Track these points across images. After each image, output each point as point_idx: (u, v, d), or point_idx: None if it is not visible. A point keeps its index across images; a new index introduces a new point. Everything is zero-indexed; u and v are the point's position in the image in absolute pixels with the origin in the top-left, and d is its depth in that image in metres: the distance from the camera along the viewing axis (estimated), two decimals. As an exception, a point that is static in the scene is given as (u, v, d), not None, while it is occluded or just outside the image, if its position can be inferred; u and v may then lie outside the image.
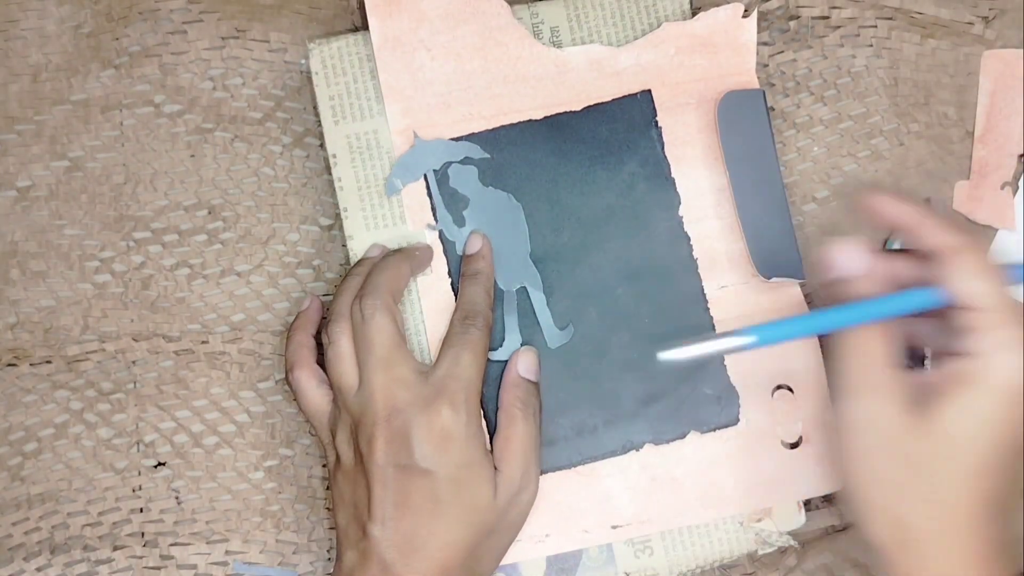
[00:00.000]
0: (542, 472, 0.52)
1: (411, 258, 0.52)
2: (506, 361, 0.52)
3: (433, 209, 0.54)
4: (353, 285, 0.51)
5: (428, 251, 0.53)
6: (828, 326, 0.44)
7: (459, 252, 0.54)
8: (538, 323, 0.53)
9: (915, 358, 0.50)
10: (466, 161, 0.54)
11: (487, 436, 0.50)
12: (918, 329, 0.47)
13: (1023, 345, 0.41)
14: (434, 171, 0.54)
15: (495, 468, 0.49)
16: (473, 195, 0.54)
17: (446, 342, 0.50)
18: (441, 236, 0.54)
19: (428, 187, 0.54)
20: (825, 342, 0.48)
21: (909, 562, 0.42)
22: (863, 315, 0.43)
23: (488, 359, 0.51)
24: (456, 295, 0.53)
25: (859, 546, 0.47)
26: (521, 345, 0.53)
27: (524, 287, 0.54)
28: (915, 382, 0.43)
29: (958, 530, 0.41)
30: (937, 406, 0.42)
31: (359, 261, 0.53)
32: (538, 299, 0.54)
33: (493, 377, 0.52)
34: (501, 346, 0.53)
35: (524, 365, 0.52)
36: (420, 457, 0.47)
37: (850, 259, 0.45)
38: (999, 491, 0.42)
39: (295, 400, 0.52)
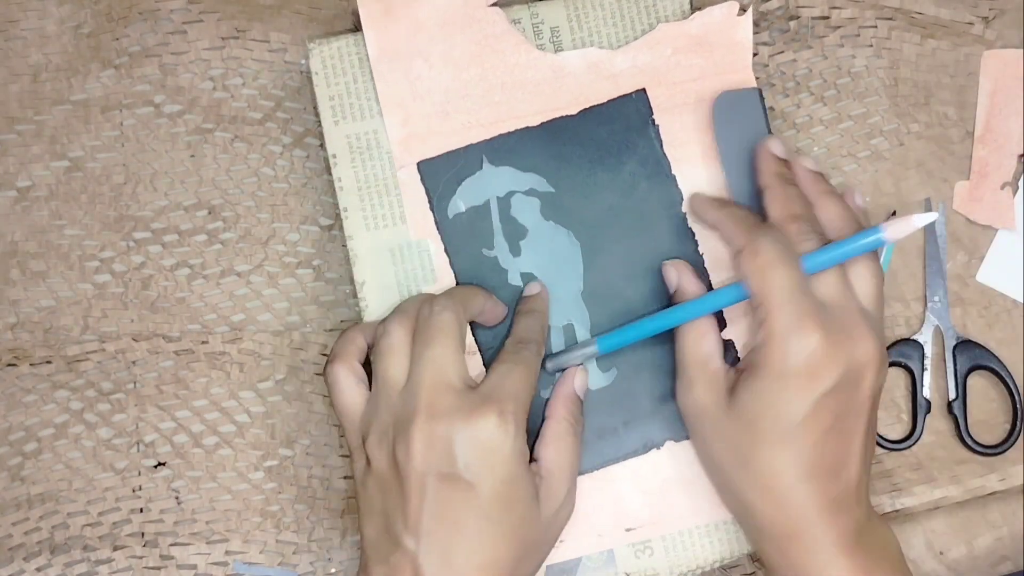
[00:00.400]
0: None
1: (488, 296, 0.51)
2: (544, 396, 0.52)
3: (434, 230, 0.54)
4: (422, 295, 0.50)
5: (503, 309, 0.52)
6: (657, 328, 0.50)
7: (509, 281, 0.53)
8: (582, 364, 0.53)
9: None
10: (530, 192, 0.54)
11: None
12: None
13: (803, 330, 0.45)
14: (498, 198, 0.54)
15: (542, 480, 0.48)
16: (533, 227, 0.54)
17: (497, 360, 0.49)
18: (447, 256, 0.53)
19: (427, 208, 0.54)
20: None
21: (750, 528, 0.48)
22: (684, 315, 0.50)
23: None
24: (477, 342, 0.52)
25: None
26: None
27: (571, 323, 0.53)
28: (733, 374, 0.49)
29: (779, 496, 0.46)
30: (737, 391, 0.47)
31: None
32: (584, 339, 0.53)
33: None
34: (552, 383, 0.53)
35: (580, 383, 0.51)
36: (464, 467, 0.44)
37: (671, 274, 0.52)
38: (819, 457, 0.46)
39: (328, 394, 0.50)
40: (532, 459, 0.49)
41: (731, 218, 0.49)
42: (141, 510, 0.54)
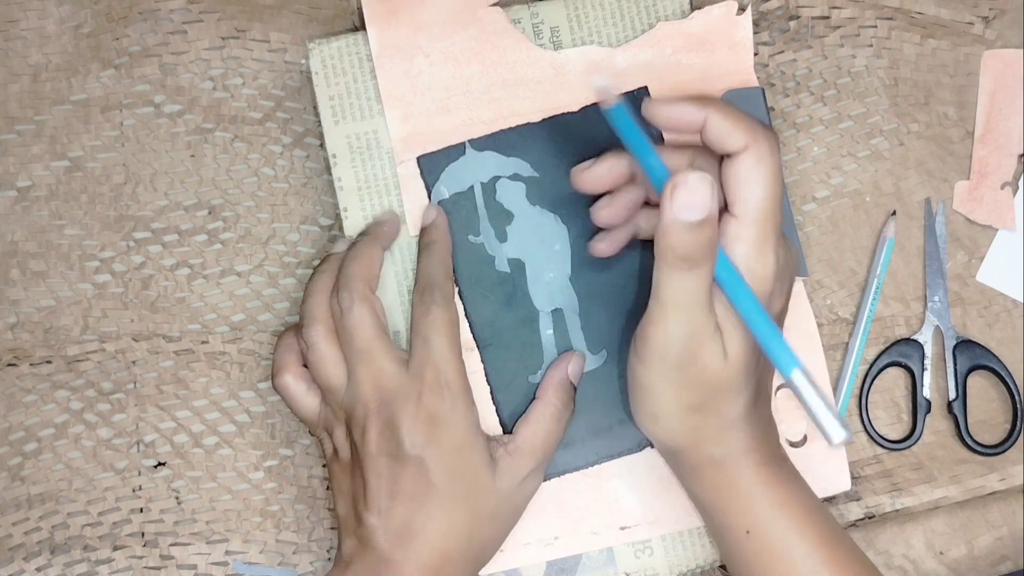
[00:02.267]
0: (559, 474, 0.53)
1: (380, 238, 0.52)
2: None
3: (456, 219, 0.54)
4: (323, 284, 0.51)
5: (394, 220, 0.53)
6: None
7: (496, 268, 0.53)
8: (571, 346, 0.53)
9: None
10: (515, 177, 0.54)
11: (478, 412, 0.50)
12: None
13: (772, 256, 0.44)
14: (482, 183, 0.54)
15: (507, 453, 0.49)
16: (519, 212, 0.54)
17: (413, 328, 0.50)
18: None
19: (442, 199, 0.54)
20: None
21: (685, 467, 0.49)
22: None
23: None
24: (475, 337, 0.53)
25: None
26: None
27: (560, 308, 0.53)
28: None
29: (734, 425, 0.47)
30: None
31: (324, 258, 0.52)
32: (573, 322, 0.53)
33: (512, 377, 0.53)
34: (541, 368, 0.53)
35: (574, 369, 0.52)
36: (409, 446, 0.47)
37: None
38: (764, 371, 0.47)
39: (284, 402, 0.52)
40: (509, 432, 0.51)
41: (726, 113, 0.44)
42: (141, 510, 0.54)
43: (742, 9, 0.55)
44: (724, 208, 0.45)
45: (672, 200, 0.42)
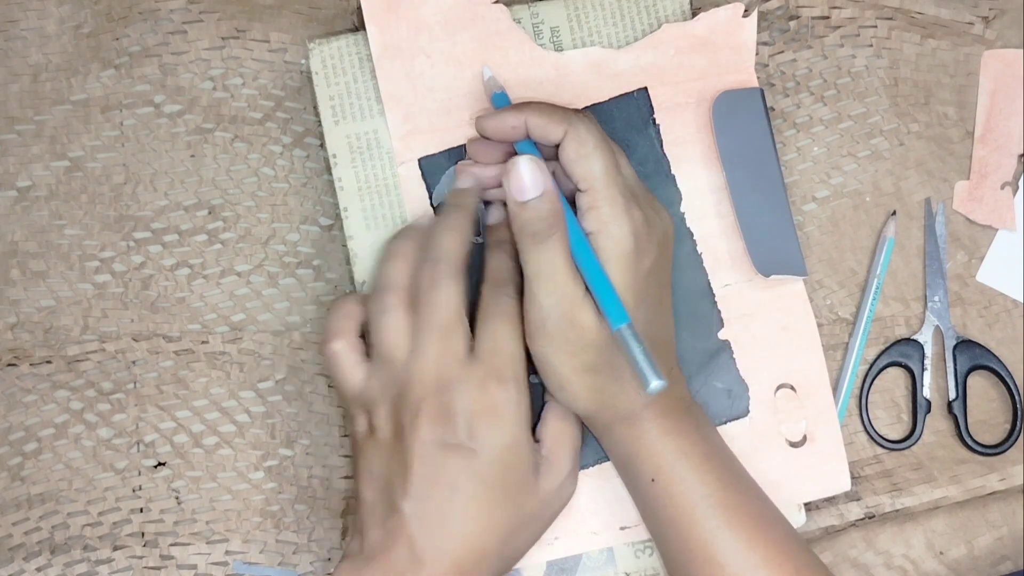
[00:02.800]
0: None
1: (471, 212, 0.50)
2: None
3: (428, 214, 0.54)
4: (405, 250, 0.49)
5: (475, 190, 0.51)
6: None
7: None
8: None
9: None
10: None
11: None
12: None
13: (629, 212, 0.47)
14: None
15: (544, 457, 0.49)
16: None
17: (481, 314, 0.48)
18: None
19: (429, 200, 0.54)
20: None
21: (600, 419, 0.50)
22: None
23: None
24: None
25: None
26: None
27: None
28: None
29: (629, 377, 0.48)
30: None
31: (406, 227, 0.51)
32: None
33: None
34: None
35: None
36: (466, 436, 0.45)
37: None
38: (657, 328, 0.49)
39: (328, 370, 0.50)
40: (535, 439, 0.50)
41: (540, 111, 0.48)
42: (141, 510, 0.54)
43: (747, 11, 0.55)
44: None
45: (508, 185, 0.46)
